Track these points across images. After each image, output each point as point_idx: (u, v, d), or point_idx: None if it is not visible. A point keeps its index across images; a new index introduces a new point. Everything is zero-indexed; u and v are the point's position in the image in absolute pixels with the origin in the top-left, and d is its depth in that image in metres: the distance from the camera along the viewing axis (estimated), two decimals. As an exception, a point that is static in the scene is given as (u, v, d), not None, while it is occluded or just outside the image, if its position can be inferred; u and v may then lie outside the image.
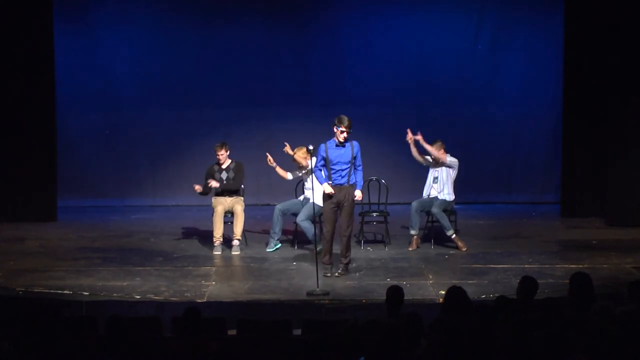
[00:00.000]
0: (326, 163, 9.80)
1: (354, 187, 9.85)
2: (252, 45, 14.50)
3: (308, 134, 12.54)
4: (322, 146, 9.82)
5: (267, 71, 14.56)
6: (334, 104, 14.48)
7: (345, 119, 9.76)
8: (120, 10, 14.44)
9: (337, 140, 9.79)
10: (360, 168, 9.92)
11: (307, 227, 10.95)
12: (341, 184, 9.80)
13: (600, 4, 12.82)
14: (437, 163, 11.26)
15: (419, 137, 11.27)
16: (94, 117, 14.54)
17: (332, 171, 9.78)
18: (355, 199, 9.83)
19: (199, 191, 11.36)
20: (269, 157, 11.39)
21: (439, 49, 14.48)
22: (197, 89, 14.61)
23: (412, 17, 14.58)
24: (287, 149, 11.34)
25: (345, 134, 9.73)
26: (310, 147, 9.87)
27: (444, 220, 11.06)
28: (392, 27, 14.47)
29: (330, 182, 9.80)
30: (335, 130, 9.78)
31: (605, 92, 12.75)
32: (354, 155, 9.82)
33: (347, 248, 9.93)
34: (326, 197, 9.84)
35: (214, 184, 11.25)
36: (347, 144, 9.81)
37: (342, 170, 9.79)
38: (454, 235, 11.10)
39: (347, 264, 9.96)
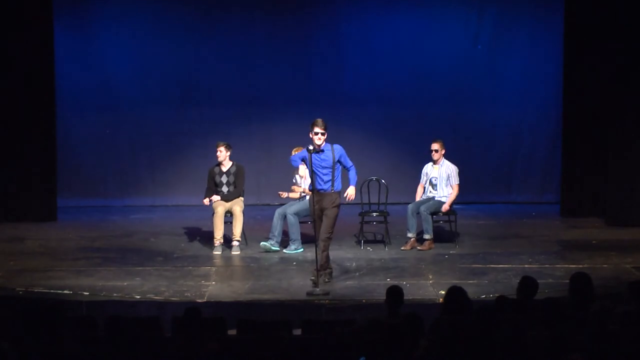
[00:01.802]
0: (308, 166, 9.56)
1: (337, 193, 9.59)
2: (252, 45, 14.49)
3: (308, 134, 12.54)
4: (304, 150, 9.59)
5: (267, 71, 14.55)
6: (334, 104, 14.53)
7: (319, 121, 9.52)
8: (121, 10, 14.44)
9: (314, 145, 9.51)
10: (351, 167, 9.71)
11: (292, 221, 10.99)
12: (323, 190, 9.54)
13: (600, 3, 12.82)
14: (435, 170, 11.33)
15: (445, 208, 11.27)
16: (94, 117, 14.53)
17: (314, 176, 9.49)
18: (347, 197, 9.63)
19: (207, 204, 11.38)
20: (281, 194, 11.42)
21: (439, 49, 14.48)
22: (197, 88, 14.61)
23: (413, 17, 14.58)
24: (283, 194, 11.42)
25: (319, 136, 9.50)
26: (310, 147, 9.76)
27: (427, 223, 11.09)
28: (393, 27, 14.47)
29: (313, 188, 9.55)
30: (310, 136, 9.56)
31: (605, 92, 12.75)
32: (336, 159, 9.57)
33: (326, 259, 9.54)
34: (310, 203, 9.61)
35: (215, 198, 11.28)
36: (327, 149, 9.57)
37: (323, 175, 9.53)
38: (429, 238, 11.11)
39: (330, 273, 9.62)
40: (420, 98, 14.59)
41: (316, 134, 9.51)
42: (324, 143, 9.61)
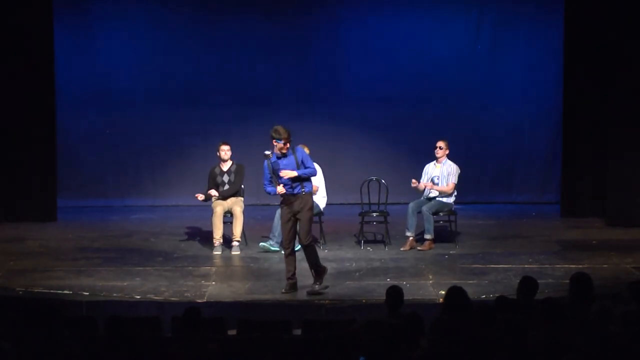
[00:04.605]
0: (272, 178, 9.33)
1: (309, 195, 9.26)
2: (252, 45, 14.51)
3: (308, 133, 12.56)
4: (265, 162, 9.36)
5: (267, 71, 14.57)
6: (334, 103, 14.56)
7: (281, 130, 9.18)
8: (121, 10, 14.46)
9: (277, 152, 9.26)
10: (308, 168, 9.25)
11: None
12: (294, 194, 9.25)
13: (600, 3, 12.82)
14: (437, 169, 11.34)
15: (429, 185, 11.25)
16: (94, 117, 14.54)
17: (281, 184, 9.24)
18: (281, 173, 9.13)
19: (201, 199, 11.31)
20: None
21: (439, 49, 14.49)
22: (197, 88, 14.62)
23: (412, 17, 14.60)
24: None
25: (286, 145, 9.20)
26: (267, 152, 9.42)
27: (428, 223, 11.09)
28: (392, 27, 14.48)
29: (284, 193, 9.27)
30: (275, 143, 9.18)
31: (605, 92, 12.75)
32: (299, 161, 9.22)
33: (309, 257, 9.24)
34: (282, 206, 9.37)
35: (213, 192, 11.25)
36: (289, 153, 9.26)
37: (291, 180, 9.20)
38: (429, 238, 11.10)
39: (320, 273, 9.28)
40: (420, 98, 14.59)
41: (285, 143, 9.21)
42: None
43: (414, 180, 11.30)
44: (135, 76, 14.53)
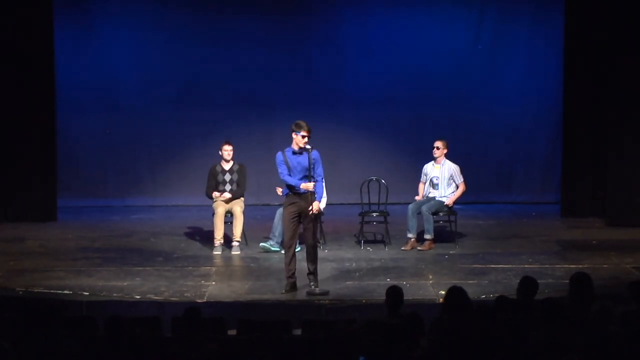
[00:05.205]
0: (285, 167, 9.33)
1: (313, 195, 9.24)
2: (252, 45, 14.50)
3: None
4: (280, 154, 9.35)
5: (267, 71, 14.56)
6: (334, 104, 14.55)
7: (304, 124, 9.25)
8: (121, 10, 14.45)
9: (294, 147, 9.29)
10: (320, 179, 9.34)
11: None
12: (299, 193, 9.26)
13: (600, 3, 12.81)
14: (436, 171, 11.36)
15: (449, 202, 11.29)
16: (94, 117, 14.53)
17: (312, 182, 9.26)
18: (311, 211, 9.20)
19: (217, 195, 11.28)
20: (279, 190, 11.08)
21: (439, 48, 14.48)
22: (198, 89, 14.61)
23: (413, 16, 14.59)
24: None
25: (306, 139, 9.22)
26: (300, 147, 9.38)
27: (428, 223, 11.09)
28: (393, 27, 14.48)
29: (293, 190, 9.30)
30: (294, 136, 9.24)
31: (605, 92, 12.75)
32: (312, 162, 9.20)
33: (313, 259, 9.27)
34: (286, 205, 9.37)
35: (227, 195, 11.23)
36: (305, 152, 9.27)
37: (301, 178, 9.25)
38: (429, 238, 11.10)
39: (315, 274, 9.29)
40: (420, 98, 14.59)
41: (303, 137, 9.24)
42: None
43: (416, 198, 11.42)
44: (135, 76, 14.52)
